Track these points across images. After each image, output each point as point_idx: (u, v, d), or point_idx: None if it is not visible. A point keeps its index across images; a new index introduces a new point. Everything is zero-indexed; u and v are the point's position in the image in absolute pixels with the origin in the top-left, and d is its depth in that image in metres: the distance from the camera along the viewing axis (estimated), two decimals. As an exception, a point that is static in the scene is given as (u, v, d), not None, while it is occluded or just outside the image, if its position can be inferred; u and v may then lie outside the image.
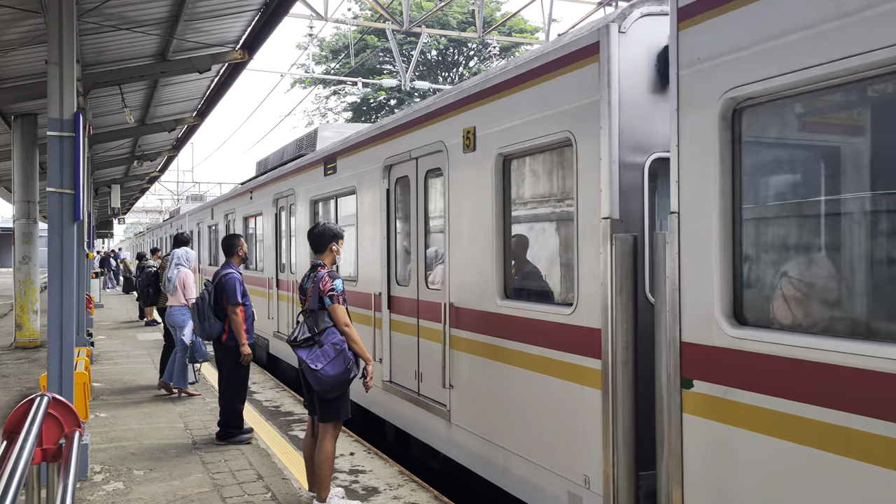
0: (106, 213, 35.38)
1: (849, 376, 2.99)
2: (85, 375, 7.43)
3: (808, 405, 3.15)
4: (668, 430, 3.85)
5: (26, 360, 13.02)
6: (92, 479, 6.26)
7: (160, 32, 10.28)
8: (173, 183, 51.91)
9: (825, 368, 3.08)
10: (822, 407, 3.09)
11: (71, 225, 6.16)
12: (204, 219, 20.12)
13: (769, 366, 3.31)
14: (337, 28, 39.42)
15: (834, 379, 3.04)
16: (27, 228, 14.70)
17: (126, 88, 12.30)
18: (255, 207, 13.80)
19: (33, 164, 14.47)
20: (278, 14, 9.95)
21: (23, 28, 9.32)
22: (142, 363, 12.55)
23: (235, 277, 7.33)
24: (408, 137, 7.06)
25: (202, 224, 20.48)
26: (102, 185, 25.66)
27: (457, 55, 39.90)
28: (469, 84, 6.05)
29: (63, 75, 6.18)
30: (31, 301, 14.65)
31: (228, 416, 7.42)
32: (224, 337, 7.31)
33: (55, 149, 6.10)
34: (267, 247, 12.75)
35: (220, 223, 17.29)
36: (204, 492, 5.95)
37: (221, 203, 17.61)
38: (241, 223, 15.09)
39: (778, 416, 3.27)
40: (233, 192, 16.80)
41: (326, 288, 5.33)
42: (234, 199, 15.89)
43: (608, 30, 4.39)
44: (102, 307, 23.54)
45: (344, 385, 5.31)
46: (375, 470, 6.51)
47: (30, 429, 3.12)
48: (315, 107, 44.24)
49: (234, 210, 15.73)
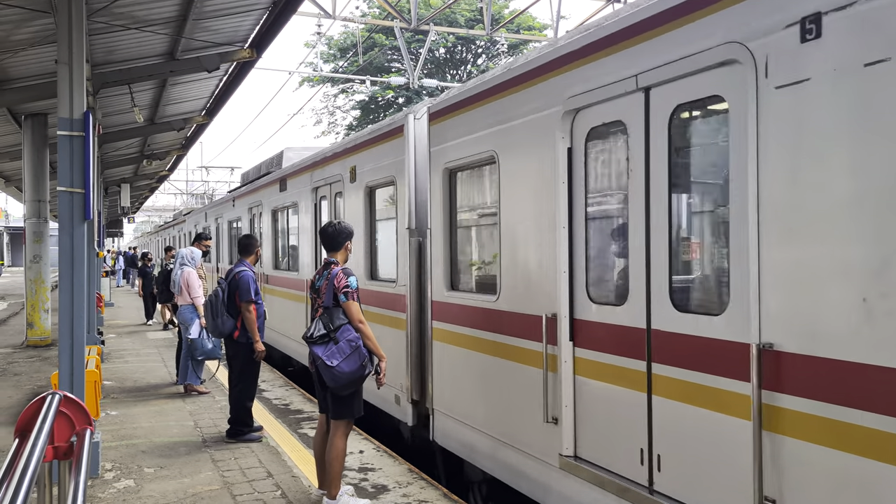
0: (116, 212, 35.53)
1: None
2: (96, 374, 7.47)
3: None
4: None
5: (38, 359, 13.10)
6: (103, 477, 6.29)
7: (169, 32, 10.31)
8: (182, 182, 52.05)
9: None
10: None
11: (81, 224, 6.19)
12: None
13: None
14: (345, 26, 39.47)
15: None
16: (38, 228, 14.78)
17: (135, 88, 12.33)
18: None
19: (44, 163, 14.55)
20: (286, 13, 9.95)
21: (33, 28, 9.35)
22: (152, 361, 12.61)
23: (249, 275, 7.33)
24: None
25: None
26: (112, 184, 25.75)
27: (465, 53, 39.85)
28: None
29: (73, 75, 6.20)
30: (42, 300, 14.73)
31: (238, 413, 7.44)
32: (236, 334, 7.33)
33: (65, 148, 6.13)
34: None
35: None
36: (214, 489, 5.97)
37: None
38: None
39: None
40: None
41: (341, 285, 5.34)
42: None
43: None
44: (113, 305, 23.66)
45: (358, 382, 5.32)
46: (385, 468, 6.51)
47: (41, 427, 3.13)
48: (323, 105, 44.29)
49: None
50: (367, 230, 8.60)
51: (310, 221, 10.88)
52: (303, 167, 11.35)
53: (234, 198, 17.38)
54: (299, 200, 11.49)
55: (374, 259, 8.70)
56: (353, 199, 9.08)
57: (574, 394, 4.88)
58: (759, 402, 3.46)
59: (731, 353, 3.65)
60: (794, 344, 3.34)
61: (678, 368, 4.00)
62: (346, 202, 9.31)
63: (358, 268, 8.11)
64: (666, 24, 4.05)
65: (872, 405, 3.00)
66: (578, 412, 4.84)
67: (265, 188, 14.07)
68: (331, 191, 10.02)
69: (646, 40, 4.20)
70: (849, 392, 3.10)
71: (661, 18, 4.08)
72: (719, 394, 3.73)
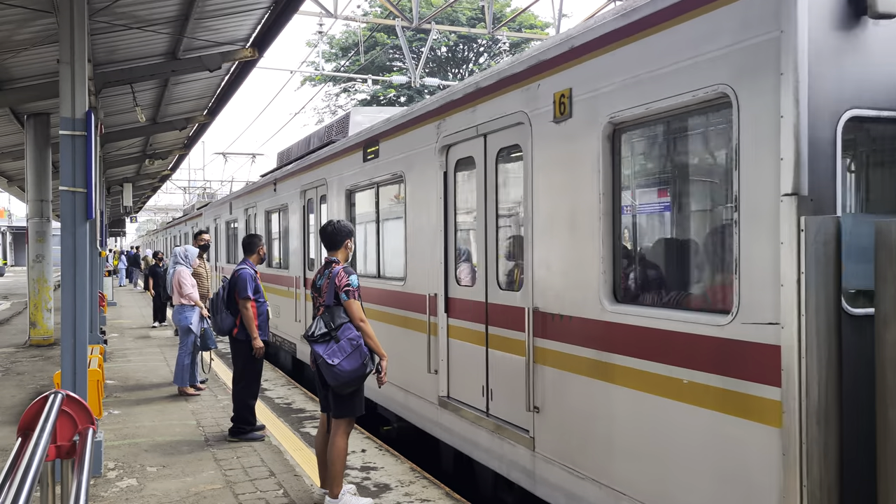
0: (118, 212, 35.60)
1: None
2: (98, 373, 7.48)
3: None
4: None
5: (40, 358, 13.13)
6: (106, 476, 6.30)
7: (170, 31, 10.31)
8: (185, 181, 52.00)
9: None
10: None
11: (83, 223, 6.20)
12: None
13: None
14: (347, 25, 39.51)
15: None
16: (40, 227, 14.80)
17: (137, 87, 12.35)
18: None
19: (46, 163, 14.57)
20: (288, 12, 9.95)
21: (35, 28, 9.37)
22: (154, 361, 12.62)
23: (248, 273, 7.42)
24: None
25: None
26: (114, 183, 25.79)
27: (467, 51, 39.87)
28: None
29: (75, 75, 6.21)
30: (44, 299, 14.76)
31: (241, 411, 7.46)
32: (235, 331, 7.38)
33: (67, 148, 6.14)
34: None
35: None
36: (216, 489, 5.98)
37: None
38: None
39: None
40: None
41: (342, 283, 5.35)
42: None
43: None
44: (115, 305, 23.69)
45: (360, 381, 5.32)
46: (387, 467, 6.52)
47: (44, 426, 3.14)
48: (325, 104, 44.34)
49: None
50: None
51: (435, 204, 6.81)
52: (427, 112, 7.02)
53: (277, 180, 13.11)
54: (410, 172, 7.31)
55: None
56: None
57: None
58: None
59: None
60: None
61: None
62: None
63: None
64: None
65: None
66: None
67: (335, 159, 9.78)
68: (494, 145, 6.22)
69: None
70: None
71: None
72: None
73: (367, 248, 8.93)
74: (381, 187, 8.35)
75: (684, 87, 3.84)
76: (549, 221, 5.01)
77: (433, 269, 6.72)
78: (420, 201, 7.06)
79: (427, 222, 6.87)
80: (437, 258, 6.64)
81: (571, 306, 4.75)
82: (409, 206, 7.28)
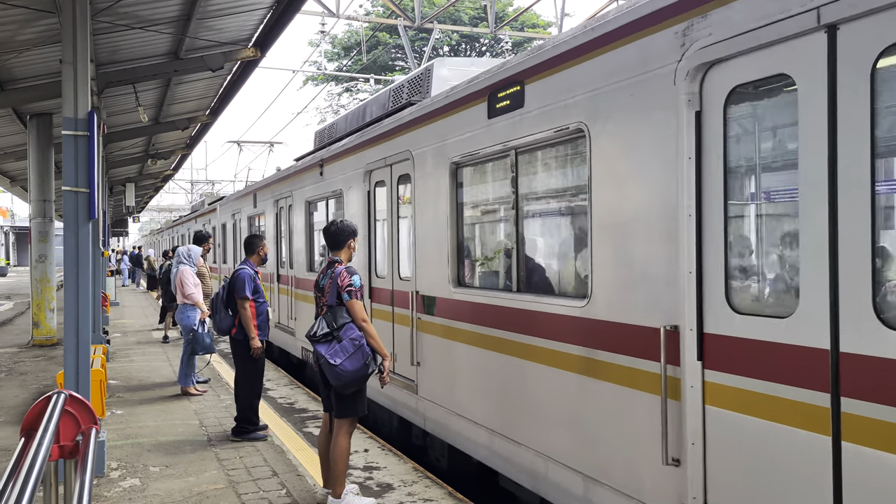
0: (121, 212, 35.62)
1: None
2: (101, 373, 7.50)
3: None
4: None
5: (43, 358, 13.14)
6: (108, 476, 6.31)
7: (173, 31, 10.32)
8: (187, 181, 52.00)
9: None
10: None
11: (86, 223, 6.20)
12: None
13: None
14: (349, 25, 39.46)
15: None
16: (43, 227, 14.82)
17: (139, 87, 12.34)
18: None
19: (49, 163, 14.58)
20: (290, 11, 9.94)
21: (37, 28, 9.37)
22: (157, 360, 12.63)
23: (247, 273, 7.44)
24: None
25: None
26: (117, 183, 25.80)
27: (469, 51, 39.81)
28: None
29: (77, 75, 6.21)
30: (47, 299, 14.78)
31: (244, 411, 7.46)
32: (233, 331, 7.40)
33: (70, 148, 6.14)
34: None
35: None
36: (219, 488, 5.98)
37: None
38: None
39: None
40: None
41: (345, 283, 5.35)
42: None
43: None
44: (118, 305, 23.72)
45: (362, 380, 5.32)
46: (390, 466, 6.52)
47: (47, 426, 3.14)
48: (328, 104, 44.34)
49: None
50: None
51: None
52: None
53: (324, 160, 10.31)
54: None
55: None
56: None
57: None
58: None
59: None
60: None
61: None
62: None
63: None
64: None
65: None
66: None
67: (430, 120, 6.87)
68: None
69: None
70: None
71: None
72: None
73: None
74: (529, 153, 5.41)
75: None
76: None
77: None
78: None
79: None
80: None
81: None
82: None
